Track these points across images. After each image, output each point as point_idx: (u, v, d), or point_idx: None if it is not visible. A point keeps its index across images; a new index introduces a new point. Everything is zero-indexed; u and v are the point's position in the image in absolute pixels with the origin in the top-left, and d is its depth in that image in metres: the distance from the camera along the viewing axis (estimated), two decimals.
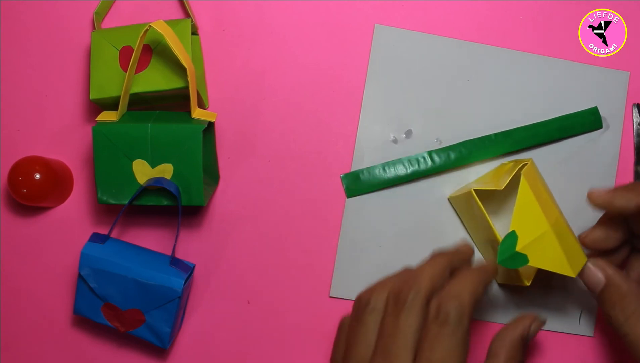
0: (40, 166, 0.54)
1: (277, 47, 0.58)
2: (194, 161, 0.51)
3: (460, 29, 0.58)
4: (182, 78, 0.52)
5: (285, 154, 0.58)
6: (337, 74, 0.58)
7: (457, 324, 0.40)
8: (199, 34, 0.58)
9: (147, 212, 0.58)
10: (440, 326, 0.40)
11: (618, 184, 0.57)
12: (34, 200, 0.55)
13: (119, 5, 0.58)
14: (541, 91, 0.57)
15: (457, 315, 0.40)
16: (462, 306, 0.41)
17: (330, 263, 0.57)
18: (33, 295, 0.58)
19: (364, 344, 0.43)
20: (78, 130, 0.58)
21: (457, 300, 0.41)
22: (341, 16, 0.58)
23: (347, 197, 0.57)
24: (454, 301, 0.41)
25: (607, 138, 0.57)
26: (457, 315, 0.40)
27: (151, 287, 0.52)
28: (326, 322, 0.57)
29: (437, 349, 0.40)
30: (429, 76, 0.58)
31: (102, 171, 0.52)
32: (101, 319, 0.53)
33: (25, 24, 0.59)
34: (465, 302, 0.41)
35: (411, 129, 0.57)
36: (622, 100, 0.57)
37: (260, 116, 0.58)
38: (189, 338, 0.57)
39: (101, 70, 0.53)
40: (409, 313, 0.41)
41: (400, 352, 0.40)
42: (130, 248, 0.54)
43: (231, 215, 0.57)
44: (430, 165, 0.57)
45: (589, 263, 0.48)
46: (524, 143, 0.57)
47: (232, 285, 0.57)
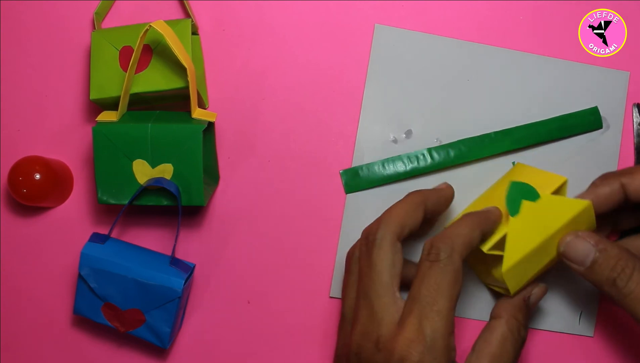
0: (40, 166, 0.54)
1: (277, 47, 0.58)
2: (194, 161, 0.51)
3: (460, 29, 0.58)
4: (182, 78, 0.52)
5: (285, 154, 0.58)
6: (337, 74, 0.58)
7: (447, 261, 0.41)
8: (199, 34, 0.58)
9: (147, 212, 0.58)
10: (431, 262, 0.41)
11: None
12: (34, 200, 0.55)
13: (119, 5, 0.58)
14: (541, 91, 0.57)
15: (447, 252, 0.41)
16: (453, 245, 0.42)
17: (330, 263, 0.57)
18: (33, 295, 0.58)
19: (352, 289, 0.45)
20: (78, 130, 0.58)
21: (449, 239, 0.42)
22: (341, 16, 0.58)
23: (346, 193, 0.57)
24: (446, 240, 0.42)
25: (607, 138, 0.57)
26: (447, 252, 0.41)
27: (151, 287, 0.52)
28: (326, 322, 0.57)
29: (425, 283, 0.41)
30: (429, 76, 0.58)
31: (102, 171, 0.52)
32: (101, 319, 0.53)
33: (25, 24, 0.59)
34: (457, 242, 0.42)
35: (411, 129, 0.57)
36: (622, 100, 0.57)
37: (260, 116, 0.58)
38: (189, 338, 0.57)
39: (101, 70, 0.53)
40: (379, 249, 0.43)
41: (376, 287, 0.42)
42: (130, 248, 0.54)
43: (231, 215, 0.57)
44: (430, 162, 0.57)
45: (573, 236, 0.46)
46: (524, 141, 0.57)
47: (232, 285, 0.57)
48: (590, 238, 0.45)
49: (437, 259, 0.41)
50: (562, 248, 0.46)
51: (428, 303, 0.40)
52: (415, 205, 0.45)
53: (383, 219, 0.45)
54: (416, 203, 0.45)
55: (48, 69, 0.59)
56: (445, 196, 0.48)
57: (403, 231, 0.44)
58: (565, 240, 0.46)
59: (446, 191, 0.49)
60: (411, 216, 0.45)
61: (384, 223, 0.44)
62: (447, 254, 0.41)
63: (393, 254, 0.43)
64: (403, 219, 0.44)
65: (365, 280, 0.43)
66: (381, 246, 0.43)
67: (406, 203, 0.46)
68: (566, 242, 0.46)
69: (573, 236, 0.45)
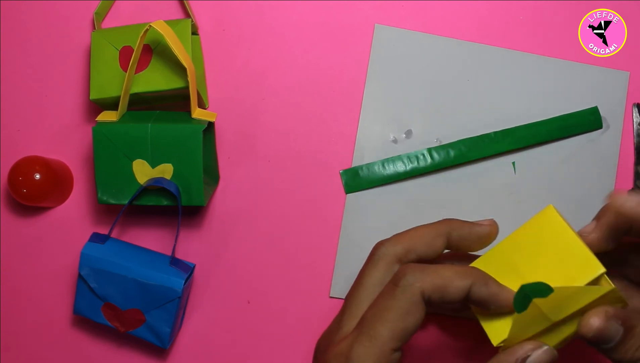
0: (40, 166, 0.54)
1: (277, 47, 0.58)
2: (194, 161, 0.51)
3: (460, 29, 0.58)
4: (182, 78, 0.52)
5: (285, 154, 0.58)
6: (337, 74, 0.58)
7: (404, 289, 0.37)
8: (199, 34, 0.58)
9: (147, 212, 0.58)
10: (392, 283, 0.38)
11: (618, 183, 0.57)
12: (34, 200, 0.55)
13: (119, 5, 0.58)
14: (541, 91, 0.57)
15: (409, 281, 0.37)
16: (423, 279, 0.37)
17: (330, 263, 0.57)
18: (33, 295, 0.58)
19: None
20: (78, 130, 0.58)
21: (422, 272, 0.38)
22: (341, 16, 0.58)
23: (346, 193, 0.57)
24: (417, 271, 0.38)
25: (607, 138, 0.57)
26: (409, 281, 0.37)
27: (151, 287, 0.52)
28: (326, 322, 0.57)
29: (374, 305, 0.39)
30: (429, 76, 0.58)
31: (102, 171, 0.52)
32: (101, 319, 0.53)
33: (25, 24, 0.59)
34: (428, 279, 0.37)
35: (411, 129, 0.57)
36: (622, 100, 0.57)
37: (260, 116, 0.58)
38: (189, 338, 0.57)
39: (101, 70, 0.53)
40: (373, 266, 0.41)
41: (355, 299, 0.40)
42: (130, 248, 0.54)
43: (231, 215, 0.57)
44: (430, 162, 0.57)
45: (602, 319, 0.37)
46: (524, 141, 0.57)
47: (232, 285, 0.57)
48: (617, 316, 0.37)
49: (396, 284, 0.38)
50: (590, 335, 0.37)
51: (366, 326, 0.38)
52: (436, 233, 0.41)
53: (394, 238, 0.42)
54: (437, 232, 0.41)
55: (48, 69, 0.59)
56: (478, 233, 0.42)
57: (407, 255, 0.41)
58: (592, 326, 0.37)
59: (482, 228, 0.42)
60: (424, 243, 0.41)
61: (391, 242, 0.41)
62: (408, 283, 0.37)
63: (385, 275, 0.40)
64: (413, 243, 0.41)
65: (352, 288, 0.42)
66: (376, 264, 0.41)
67: (428, 228, 0.42)
68: (595, 328, 0.37)
69: (602, 319, 0.37)
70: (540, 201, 0.57)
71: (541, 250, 0.40)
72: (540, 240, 0.40)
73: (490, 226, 0.43)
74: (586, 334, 0.37)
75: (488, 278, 0.38)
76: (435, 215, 0.57)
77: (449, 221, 0.42)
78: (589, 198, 0.57)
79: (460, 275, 0.38)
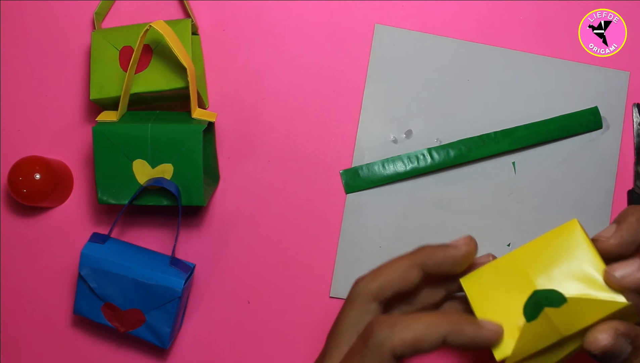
0: (40, 166, 0.54)
1: (277, 47, 0.58)
2: (194, 161, 0.51)
3: (460, 29, 0.58)
4: (182, 78, 0.52)
5: (285, 154, 0.58)
6: (337, 74, 0.58)
7: (372, 350, 0.35)
8: (199, 34, 0.58)
9: (147, 212, 0.58)
10: (361, 341, 0.36)
11: (617, 183, 0.57)
12: (34, 200, 0.55)
13: (119, 5, 0.58)
14: (541, 91, 0.57)
15: (378, 343, 0.35)
16: (388, 340, 0.35)
17: (330, 263, 0.57)
18: (33, 295, 0.58)
19: None
20: (78, 130, 0.58)
21: (389, 329, 0.35)
22: (341, 16, 0.58)
23: (346, 193, 0.57)
24: (386, 330, 0.35)
25: (607, 138, 0.57)
26: (377, 343, 0.35)
27: (151, 287, 0.51)
28: (326, 322, 0.57)
29: (347, 359, 0.37)
30: (429, 76, 0.58)
31: (102, 171, 0.52)
32: (101, 319, 0.53)
33: (25, 24, 0.59)
34: (396, 338, 0.35)
35: (411, 129, 0.57)
36: (622, 100, 0.57)
37: (260, 116, 0.58)
38: (189, 338, 0.57)
39: (101, 70, 0.53)
40: (349, 307, 0.39)
41: (333, 344, 0.39)
42: (130, 248, 0.54)
43: (231, 215, 0.57)
44: (430, 162, 0.57)
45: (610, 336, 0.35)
46: (524, 141, 0.57)
47: (232, 285, 0.57)
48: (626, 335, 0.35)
49: (365, 343, 0.35)
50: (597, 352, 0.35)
51: None
52: (410, 265, 0.39)
53: (370, 274, 0.39)
54: (412, 263, 0.39)
55: (48, 69, 0.59)
56: (453, 257, 0.39)
57: (383, 292, 0.39)
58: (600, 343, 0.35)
59: (457, 250, 0.39)
60: (399, 278, 0.38)
61: (365, 280, 0.39)
62: (377, 342, 0.35)
63: (360, 315, 0.38)
64: (388, 279, 0.39)
65: (332, 328, 0.40)
66: (351, 303, 0.39)
67: (402, 260, 0.39)
68: (602, 346, 0.35)
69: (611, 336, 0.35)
70: (540, 201, 0.57)
71: (559, 265, 0.37)
72: (559, 255, 0.38)
73: (467, 245, 0.39)
74: (592, 350, 0.35)
75: (463, 323, 0.36)
76: (435, 215, 0.57)
77: (422, 249, 0.39)
78: (589, 198, 0.57)
79: (433, 326, 0.35)
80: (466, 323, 0.36)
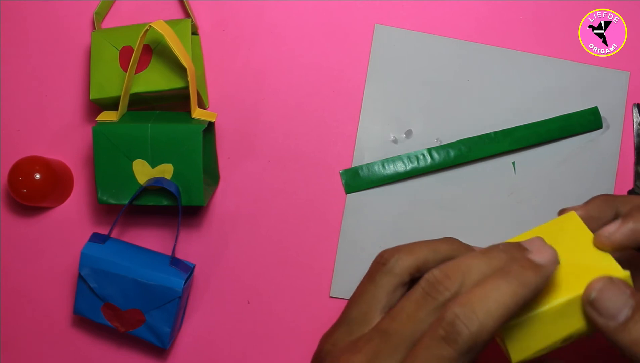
0: (40, 166, 0.54)
1: (277, 47, 0.58)
2: (194, 161, 0.51)
3: (460, 29, 0.58)
4: (182, 78, 0.52)
5: (285, 154, 0.58)
6: (337, 74, 0.58)
7: (460, 353, 0.31)
8: (199, 34, 0.58)
9: (147, 212, 0.58)
10: (441, 342, 0.31)
11: (618, 183, 0.57)
12: (34, 200, 0.55)
13: (119, 5, 0.58)
14: (541, 91, 0.57)
15: (467, 342, 0.31)
16: (478, 334, 0.31)
17: (330, 263, 0.57)
18: (33, 295, 0.58)
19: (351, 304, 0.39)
20: (78, 130, 0.58)
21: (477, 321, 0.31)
22: (341, 16, 0.58)
23: (346, 193, 0.57)
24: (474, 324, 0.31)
25: (607, 138, 0.57)
26: (466, 343, 0.31)
27: (151, 287, 0.52)
28: (326, 322, 0.57)
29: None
30: (429, 76, 0.58)
31: (102, 171, 0.52)
32: (101, 319, 0.53)
33: (25, 24, 0.59)
34: (486, 328, 0.31)
35: (411, 129, 0.57)
36: (622, 100, 0.57)
37: (260, 116, 0.58)
38: (189, 338, 0.57)
39: (101, 70, 0.53)
40: (383, 274, 0.37)
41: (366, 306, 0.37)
42: (130, 248, 0.54)
43: (231, 215, 0.57)
44: (430, 162, 0.57)
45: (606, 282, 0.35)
46: (524, 141, 0.57)
47: (232, 285, 0.57)
48: (626, 287, 0.34)
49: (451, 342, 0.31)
50: (594, 295, 0.34)
51: None
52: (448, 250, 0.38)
53: (404, 247, 0.38)
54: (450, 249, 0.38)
55: (48, 69, 0.59)
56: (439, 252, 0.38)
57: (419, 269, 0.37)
58: (596, 286, 0.34)
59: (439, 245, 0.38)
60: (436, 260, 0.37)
61: (400, 252, 0.38)
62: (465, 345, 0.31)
63: (394, 283, 0.37)
64: (427, 255, 0.38)
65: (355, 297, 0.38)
66: (389, 272, 0.37)
67: (440, 243, 0.38)
68: (598, 288, 0.34)
69: (607, 281, 0.34)
70: (540, 201, 0.57)
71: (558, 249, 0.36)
72: (558, 240, 0.37)
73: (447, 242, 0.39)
74: (588, 296, 0.34)
75: None
76: (435, 215, 0.57)
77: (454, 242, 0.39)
78: (589, 198, 0.57)
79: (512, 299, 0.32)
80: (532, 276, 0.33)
